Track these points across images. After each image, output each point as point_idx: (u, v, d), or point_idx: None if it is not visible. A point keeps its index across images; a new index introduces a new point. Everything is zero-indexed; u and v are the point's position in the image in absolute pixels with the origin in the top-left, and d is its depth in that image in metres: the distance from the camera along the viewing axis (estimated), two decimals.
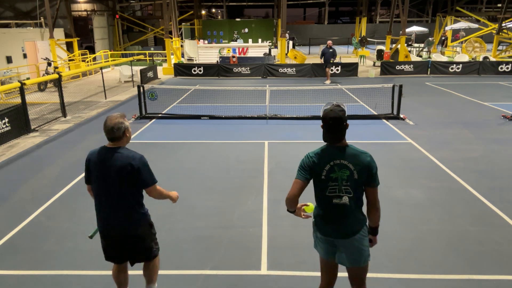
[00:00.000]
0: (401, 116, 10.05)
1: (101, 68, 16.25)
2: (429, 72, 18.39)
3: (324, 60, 16.10)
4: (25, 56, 18.99)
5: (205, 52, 23.19)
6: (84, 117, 10.89)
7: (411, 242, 4.43)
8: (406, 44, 22.96)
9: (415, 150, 7.64)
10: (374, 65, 21.77)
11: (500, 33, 21.51)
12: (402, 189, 5.83)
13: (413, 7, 39.44)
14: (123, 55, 25.20)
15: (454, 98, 12.87)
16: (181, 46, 24.57)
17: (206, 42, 24.45)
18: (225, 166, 6.88)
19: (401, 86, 9.94)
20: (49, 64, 16.79)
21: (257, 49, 23.08)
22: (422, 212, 5.13)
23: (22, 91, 9.07)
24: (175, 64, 19.22)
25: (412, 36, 28.35)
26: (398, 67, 18.44)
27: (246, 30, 30.43)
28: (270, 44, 24.98)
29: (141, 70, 16.23)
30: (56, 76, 11.11)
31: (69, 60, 21.81)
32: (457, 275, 3.83)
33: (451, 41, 27.85)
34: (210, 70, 18.68)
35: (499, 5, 26.66)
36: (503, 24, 21.33)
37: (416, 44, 27.55)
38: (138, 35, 32.14)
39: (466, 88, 14.55)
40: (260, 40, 25.91)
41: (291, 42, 26.74)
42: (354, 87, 13.20)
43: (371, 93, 12.42)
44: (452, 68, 18.19)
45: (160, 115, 10.71)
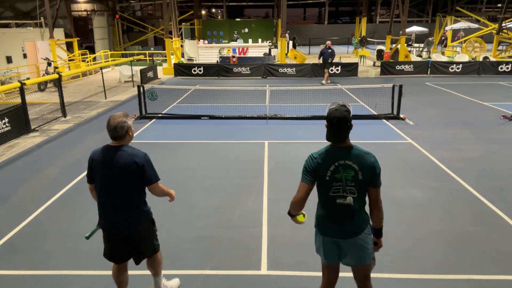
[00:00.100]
0: (401, 116, 10.05)
1: (101, 68, 16.25)
2: (429, 72, 18.39)
3: (323, 61, 16.12)
4: (25, 56, 18.98)
5: (205, 52, 23.18)
6: (84, 117, 10.89)
7: (411, 242, 4.43)
8: (406, 44, 22.97)
9: (415, 150, 7.64)
10: (374, 65, 21.77)
11: (500, 33, 21.50)
12: (402, 189, 5.83)
13: (413, 7, 39.43)
14: (123, 55, 25.20)
15: (454, 98, 12.87)
16: (181, 46, 24.57)
17: (206, 42, 24.44)
18: (225, 166, 6.89)
19: (401, 86, 9.94)
20: (49, 64, 16.78)
21: (257, 49, 23.06)
22: (422, 212, 5.13)
23: (22, 91, 9.08)
24: (175, 64, 19.22)
25: (412, 36, 28.37)
26: (398, 67, 18.44)
27: (246, 30, 30.42)
28: (270, 44, 24.97)
29: (141, 70, 16.22)
30: (56, 76, 11.12)
31: (69, 60, 21.80)
32: (457, 275, 3.84)
33: (451, 41, 27.86)
34: (210, 70, 18.68)
35: (499, 5, 26.66)
36: (503, 24, 21.32)
37: (416, 44, 27.58)
38: (138, 35, 32.15)
39: (466, 88, 14.55)
40: (260, 40, 25.91)
41: (292, 42, 26.74)
42: (354, 87, 13.20)
43: (371, 93, 12.42)
44: (452, 68, 18.19)
45: (160, 115, 10.71)
